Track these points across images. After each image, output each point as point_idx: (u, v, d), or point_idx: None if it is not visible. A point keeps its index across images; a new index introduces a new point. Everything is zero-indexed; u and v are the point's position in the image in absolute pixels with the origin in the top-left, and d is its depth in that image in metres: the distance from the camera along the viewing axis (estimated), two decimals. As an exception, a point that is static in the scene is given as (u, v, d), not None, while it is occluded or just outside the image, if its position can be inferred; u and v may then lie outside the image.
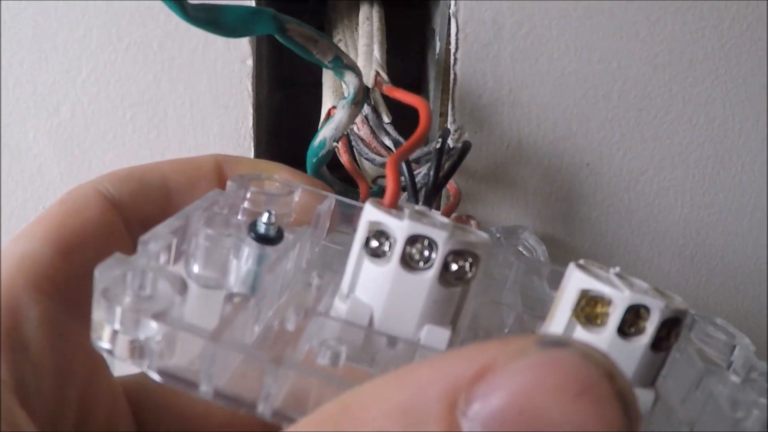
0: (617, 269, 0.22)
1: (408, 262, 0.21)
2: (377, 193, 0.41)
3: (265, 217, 0.23)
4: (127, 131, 0.44)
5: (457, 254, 0.21)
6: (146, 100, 0.44)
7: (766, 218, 0.49)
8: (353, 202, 0.30)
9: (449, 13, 0.43)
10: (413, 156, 0.39)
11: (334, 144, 0.34)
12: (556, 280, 0.26)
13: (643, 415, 0.21)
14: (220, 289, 0.22)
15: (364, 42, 0.40)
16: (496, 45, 0.44)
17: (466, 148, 0.37)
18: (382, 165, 0.38)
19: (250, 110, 0.43)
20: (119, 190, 0.26)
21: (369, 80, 0.40)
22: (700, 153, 0.47)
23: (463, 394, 0.14)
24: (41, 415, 0.21)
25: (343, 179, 0.41)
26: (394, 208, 0.22)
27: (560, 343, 0.14)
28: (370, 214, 0.21)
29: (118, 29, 0.42)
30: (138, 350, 0.18)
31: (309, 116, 0.49)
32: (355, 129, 0.39)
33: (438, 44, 0.45)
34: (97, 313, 0.18)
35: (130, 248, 0.25)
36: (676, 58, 0.46)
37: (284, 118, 0.49)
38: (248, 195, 0.26)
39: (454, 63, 0.44)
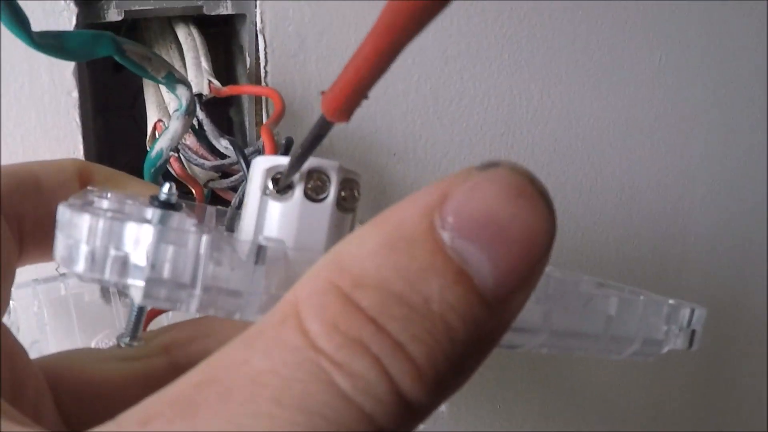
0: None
1: (309, 195, 0.24)
2: (209, 196, 0.45)
3: (166, 188, 0.24)
4: (-43, 174, 0.45)
5: (344, 183, 0.24)
6: (-24, 141, 0.45)
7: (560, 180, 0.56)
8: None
9: (256, 30, 0.47)
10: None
11: (171, 153, 0.38)
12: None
13: None
14: None
15: (192, 56, 0.44)
16: (302, 55, 0.48)
17: (289, 143, 0.41)
18: (212, 168, 0.41)
19: (80, 139, 0.45)
20: None
21: (204, 89, 0.43)
22: (495, 131, 0.54)
23: (436, 214, 0.17)
24: None
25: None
26: None
27: (493, 163, 0.18)
28: (264, 162, 0.24)
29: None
30: (121, 264, 0.19)
31: (126, 137, 0.51)
32: (182, 139, 0.42)
33: (248, 60, 0.49)
34: (71, 233, 0.19)
35: (9, 240, 0.26)
36: (464, 49, 0.52)
37: (105, 142, 0.52)
38: (109, 195, 0.27)
39: (265, 76, 0.48)
